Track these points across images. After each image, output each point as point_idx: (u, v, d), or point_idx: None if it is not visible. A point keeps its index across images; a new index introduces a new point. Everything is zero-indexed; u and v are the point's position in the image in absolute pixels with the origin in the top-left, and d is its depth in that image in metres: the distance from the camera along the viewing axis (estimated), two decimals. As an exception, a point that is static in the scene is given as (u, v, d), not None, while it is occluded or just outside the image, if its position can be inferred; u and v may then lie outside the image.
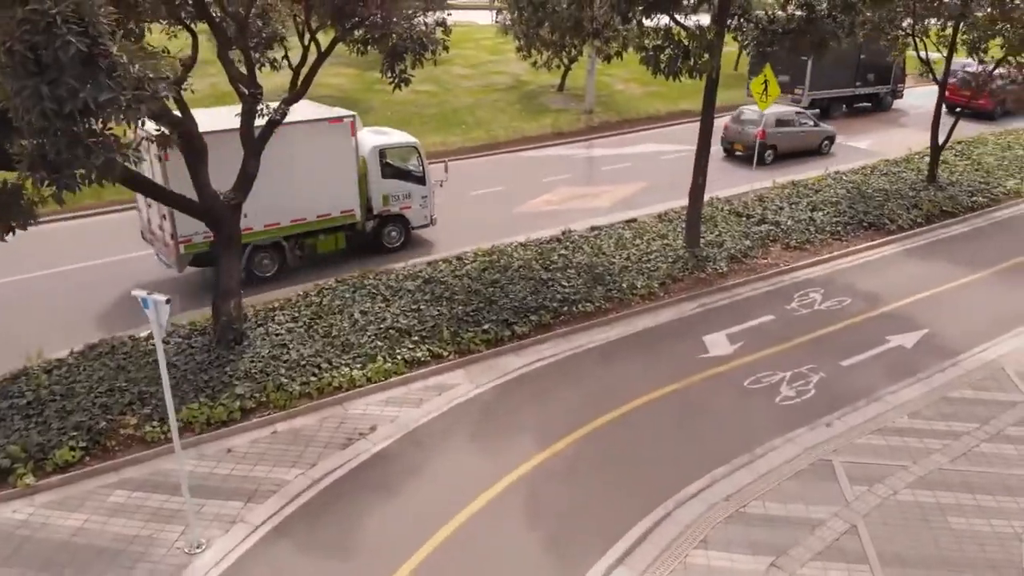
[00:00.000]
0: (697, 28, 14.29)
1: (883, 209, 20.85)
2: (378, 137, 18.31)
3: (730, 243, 18.50)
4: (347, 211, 17.13)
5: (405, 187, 18.19)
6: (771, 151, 26.41)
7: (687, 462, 11.06)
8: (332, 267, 17.32)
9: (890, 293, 16.61)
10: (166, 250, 15.62)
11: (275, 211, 16.02)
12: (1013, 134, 29.33)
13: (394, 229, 18.44)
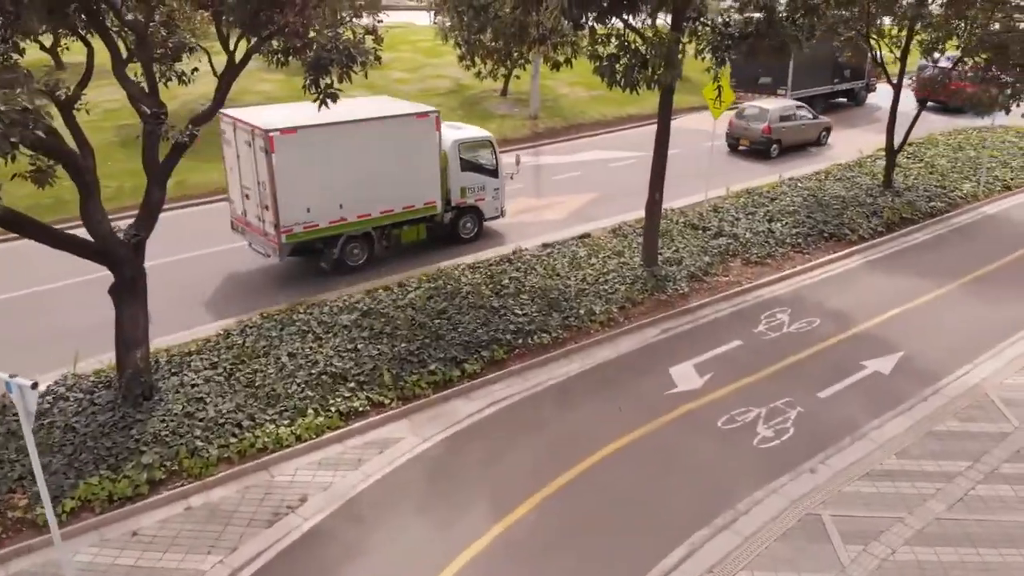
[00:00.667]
0: (655, 34, 13.09)
1: (842, 218, 20.07)
2: (456, 131, 18.80)
3: (689, 260, 17.42)
4: (429, 202, 17.59)
5: (480, 180, 18.76)
6: (776, 145, 26.96)
7: (664, 526, 9.83)
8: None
9: (860, 311, 15.72)
10: (265, 240, 16.01)
11: (367, 202, 16.52)
12: (963, 134, 29.08)
13: (469, 220, 18.92)
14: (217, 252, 18.15)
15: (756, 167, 25.57)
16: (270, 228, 15.59)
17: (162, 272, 15.23)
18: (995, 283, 17.14)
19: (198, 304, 15.55)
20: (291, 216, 15.41)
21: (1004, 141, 28.04)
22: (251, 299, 15.62)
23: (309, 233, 15.79)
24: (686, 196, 22.33)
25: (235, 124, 15.95)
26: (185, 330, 14.10)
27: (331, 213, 15.93)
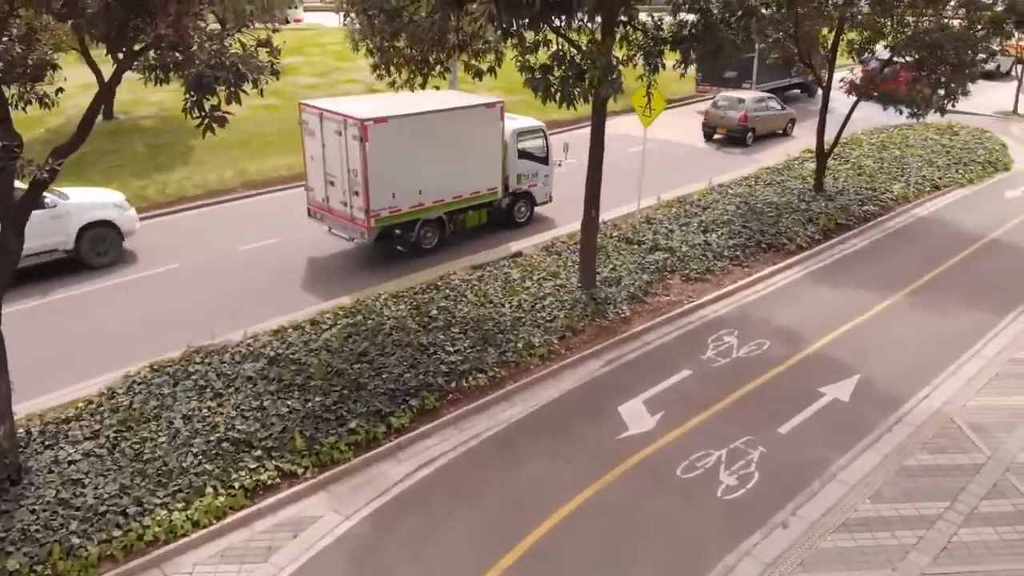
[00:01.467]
0: (590, 42, 11.82)
1: (778, 226, 19.36)
2: (513, 122, 19.69)
3: (628, 279, 16.29)
4: (492, 188, 18.74)
5: (534, 167, 19.88)
6: (751, 133, 28.54)
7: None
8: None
9: (808, 329, 14.90)
10: (352, 225, 16.91)
11: (441, 188, 17.55)
12: (885, 132, 29.08)
13: (523, 205, 20.02)
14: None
15: (695, 166, 24.78)
16: (359, 213, 16.48)
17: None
18: (940, 291, 16.64)
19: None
20: (379, 201, 16.43)
21: (926, 139, 28.13)
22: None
23: (393, 217, 16.88)
24: (617, 206, 21.30)
25: (322, 115, 16.74)
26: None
27: (412, 198, 17.04)
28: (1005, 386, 12.97)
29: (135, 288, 16.36)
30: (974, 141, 27.95)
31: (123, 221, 17.53)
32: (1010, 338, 14.60)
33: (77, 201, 17.02)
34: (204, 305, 15.38)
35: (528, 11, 9.98)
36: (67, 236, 16.59)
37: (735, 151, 28.00)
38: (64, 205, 16.65)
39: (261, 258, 17.93)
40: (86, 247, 16.89)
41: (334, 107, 16.68)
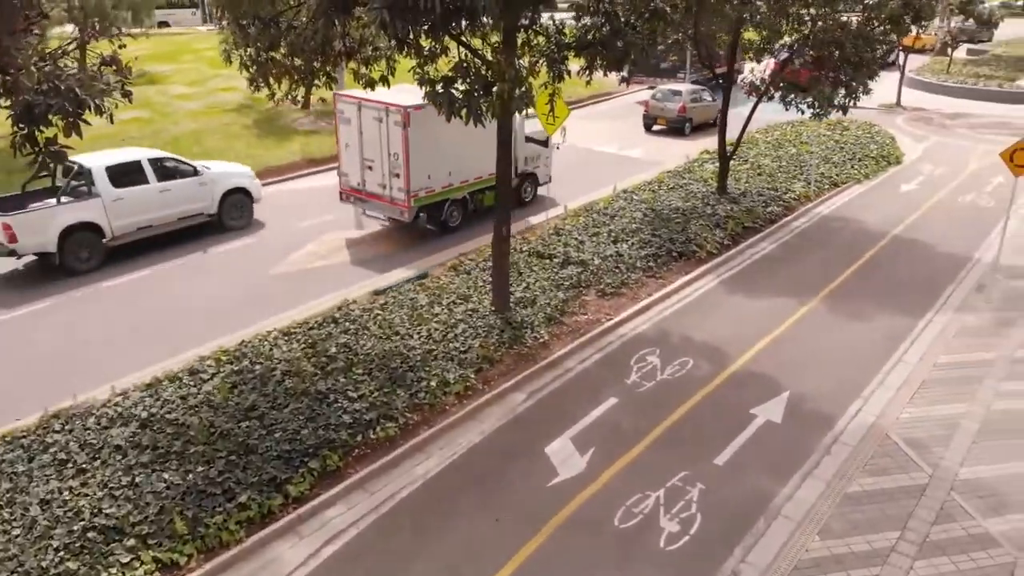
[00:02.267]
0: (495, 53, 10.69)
1: (687, 232, 18.84)
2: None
3: (543, 298, 15.30)
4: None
5: (537, 149, 21.37)
6: (689, 123, 29.97)
7: None
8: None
9: (730, 343, 14.30)
10: (391, 205, 18.27)
11: (466, 170, 19.06)
12: (779, 130, 29.34)
13: (529, 185, 21.56)
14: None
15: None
16: (399, 194, 17.93)
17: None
18: (854, 294, 16.44)
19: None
20: (418, 182, 17.88)
21: (819, 135, 28.52)
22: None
23: (428, 197, 18.38)
24: (524, 217, 20.41)
25: (360, 104, 17.77)
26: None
27: (443, 179, 18.55)
28: (933, 394, 12.69)
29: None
30: (865, 135, 28.54)
31: (254, 189, 20.19)
32: (929, 341, 14.44)
33: (219, 171, 19.63)
34: (66, 354, 13.39)
35: (426, 17, 8.77)
36: (212, 201, 19.15)
37: (633, 153, 27.60)
38: (209, 174, 19.10)
39: (142, 289, 15.98)
40: (225, 212, 19.47)
41: (372, 97, 16.99)
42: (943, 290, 16.72)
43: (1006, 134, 31.30)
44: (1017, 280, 17.06)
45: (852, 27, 18.33)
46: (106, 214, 17.07)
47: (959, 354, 13.94)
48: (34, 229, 16.15)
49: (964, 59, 46.10)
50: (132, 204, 17.46)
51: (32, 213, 16.27)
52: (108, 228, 17.18)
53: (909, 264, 18.10)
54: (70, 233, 16.55)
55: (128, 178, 17.45)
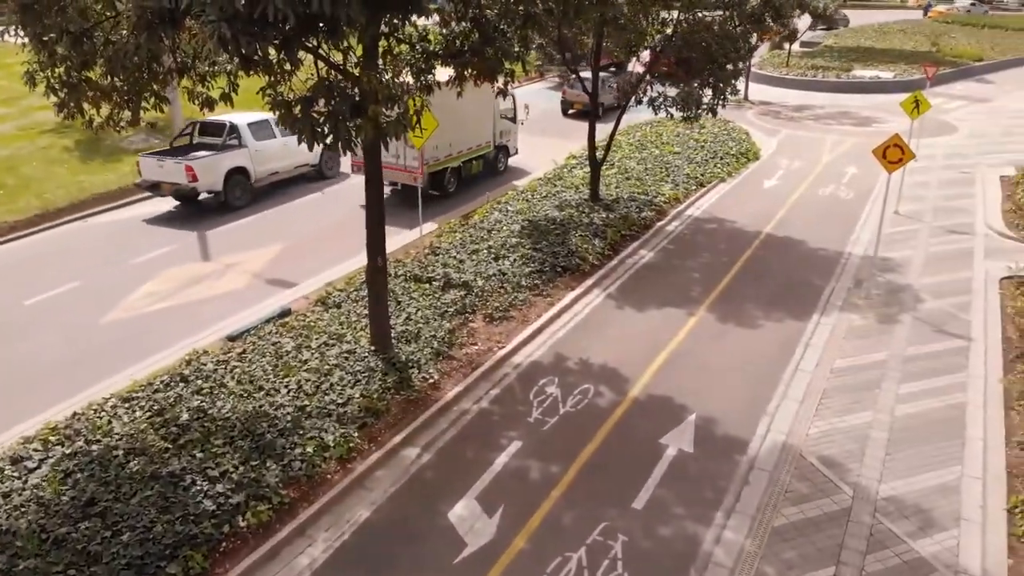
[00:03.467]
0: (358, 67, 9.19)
1: (568, 244, 18.01)
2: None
3: (427, 330, 13.93)
4: (488, 142, 23.86)
5: (508, 124, 24.69)
6: (602, 106, 28.91)
7: None
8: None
9: (627, 364, 13.53)
10: (406, 173, 20.77)
11: (461, 143, 22.42)
12: (640, 130, 29.27)
13: (502, 155, 24.93)
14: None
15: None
16: (413, 163, 20.34)
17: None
18: (738, 298, 16.14)
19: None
20: (430, 153, 20.74)
21: (678, 134, 28.65)
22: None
23: (435, 165, 21.42)
24: (398, 233, 18.95)
25: None
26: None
27: (445, 151, 21.65)
28: (837, 404, 12.39)
29: None
30: (722, 133, 28.94)
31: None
32: (821, 346, 14.24)
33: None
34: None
35: (275, 31, 7.21)
36: (316, 154, 23.17)
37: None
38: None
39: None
40: (324, 163, 24.02)
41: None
42: (823, 289, 16.74)
43: (849, 123, 32.92)
44: (889, 273, 17.36)
45: (715, 27, 18.06)
46: (251, 161, 21.69)
47: (853, 357, 13.80)
48: (208, 171, 20.66)
49: (800, 52, 48.43)
50: (266, 154, 22.11)
51: (207, 158, 20.84)
52: (253, 173, 21.80)
53: (786, 263, 18.10)
54: (230, 176, 21.15)
55: (262, 132, 22.05)
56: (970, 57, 47.65)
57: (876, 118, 33.74)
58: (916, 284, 16.85)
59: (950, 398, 12.51)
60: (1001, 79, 44.94)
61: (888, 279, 17.13)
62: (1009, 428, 11.64)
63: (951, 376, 13.15)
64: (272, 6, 7.07)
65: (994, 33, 61.20)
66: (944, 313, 15.47)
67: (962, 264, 17.87)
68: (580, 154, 26.06)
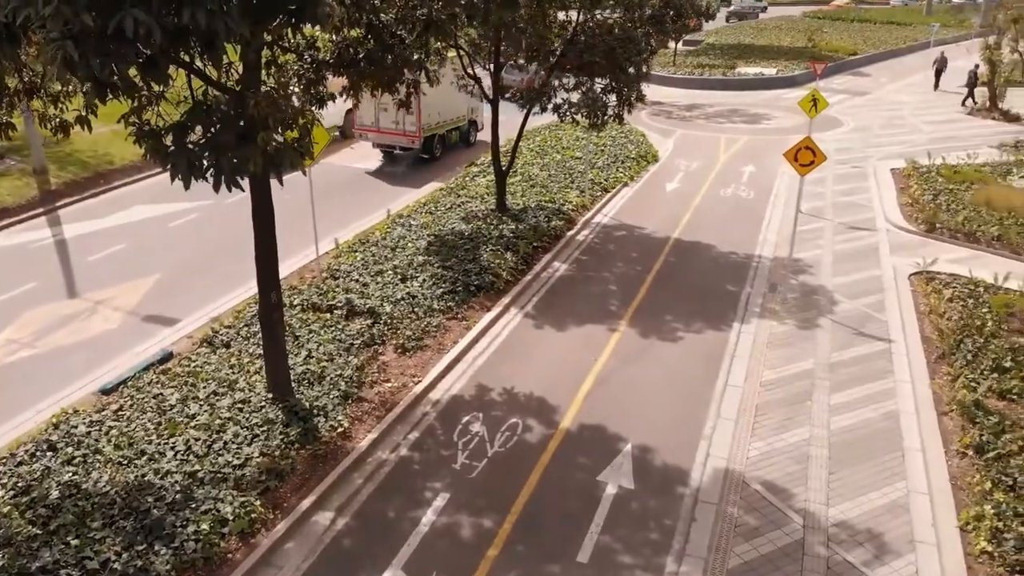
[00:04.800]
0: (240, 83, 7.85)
1: (480, 260, 17.01)
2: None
3: (332, 368, 12.62)
4: (463, 115, 27.69)
5: (476, 102, 26.81)
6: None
7: None
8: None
9: (553, 391, 12.66)
10: (405, 138, 25.06)
11: (446, 115, 26.39)
12: (539, 135, 28.58)
13: (472, 128, 28.34)
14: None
15: (367, 193, 21.45)
16: (411, 128, 24.70)
17: None
18: (657, 309, 15.58)
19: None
20: (424, 120, 24.82)
21: (577, 138, 28.13)
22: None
23: (426, 131, 25.10)
24: (291, 255, 17.43)
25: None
26: None
27: (435, 119, 25.47)
28: (772, 420, 11.91)
29: None
30: (620, 135, 28.59)
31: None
32: (747, 357, 13.81)
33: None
34: None
35: (136, 49, 5.84)
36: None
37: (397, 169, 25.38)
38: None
39: None
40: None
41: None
42: (739, 295, 16.42)
43: (740, 121, 33.32)
44: (802, 275, 17.24)
45: (617, 31, 17.45)
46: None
47: (780, 368, 13.42)
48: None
49: (684, 51, 49.16)
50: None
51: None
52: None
53: (699, 270, 17.72)
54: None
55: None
56: (845, 51, 49.64)
57: (765, 115, 34.35)
58: (829, 285, 16.77)
59: (882, 406, 12.26)
60: (875, 71, 46.98)
61: (801, 281, 16.99)
62: (945, 435, 11.45)
63: (879, 382, 12.95)
64: (131, 19, 5.71)
65: (863, 27, 64.32)
66: (861, 314, 15.38)
67: (870, 261, 17.98)
68: (482, 161, 25.14)
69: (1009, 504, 9.59)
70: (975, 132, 30.73)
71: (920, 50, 53.90)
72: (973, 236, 19.04)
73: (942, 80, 39.62)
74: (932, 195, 21.67)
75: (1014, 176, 24.01)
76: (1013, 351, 13.31)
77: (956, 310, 14.83)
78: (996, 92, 33.78)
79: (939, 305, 15.13)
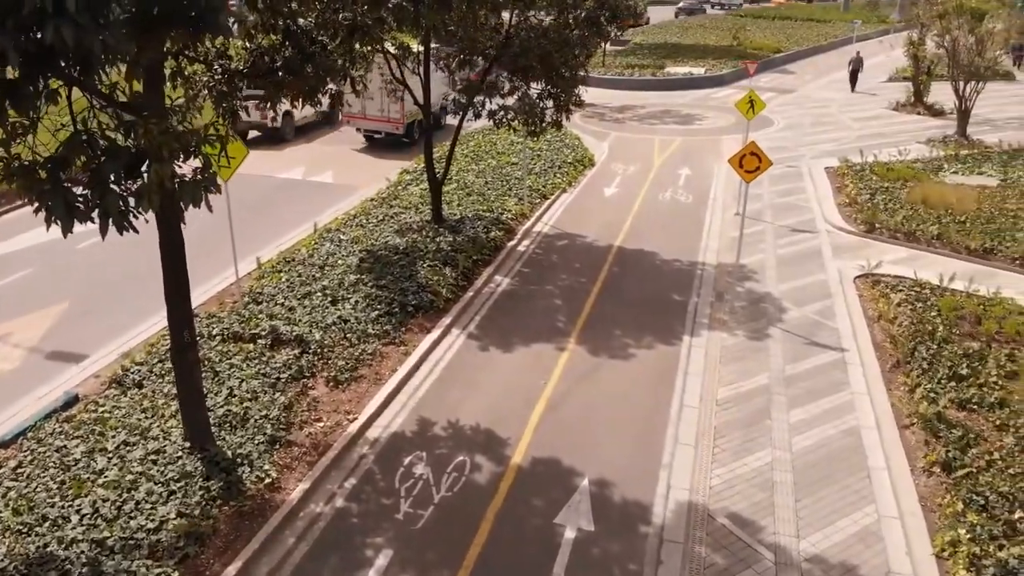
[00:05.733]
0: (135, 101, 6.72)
1: (417, 278, 16.05)
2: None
3: (256, 409, 11.50)
4: (438, 101, 24.80)
5: (447, 89, 23.39)
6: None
7: None
8: None
9: (502, 422, 11.82)
10: (389, 124, 27.46)
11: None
12: (473, 139, 27.69)
13: (444, 113, 26.39)
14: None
15: (291, 205, 20.17)
16: (396, 115, 27.35)
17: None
18: (605, 324, 14.91)
19: None
20: (408, 108, 26.34)
21: (512, 142, 27.32)
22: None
23: (409, 117, 27.54)
24: (207, 279, 16.16)
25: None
26: None
27: (415, 108, 21.68)
28: (732, 444, 11.33)
29: None
30: (556, 139, 27.93)
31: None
32: (700, 373, 13.24)
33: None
34: None
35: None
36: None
37: (323, 178, 24.13)
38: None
39: None
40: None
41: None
42: (686, 304, 15.90)
43: (672, 122, 33.11)
44: (747, 282, 16.83)
45: (552, 34, 16.70)
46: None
47: (734, 384, 12.89)
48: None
49: (612, 51, 48.89)
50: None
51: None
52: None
53: (644, 279, 17.15)
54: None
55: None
56: (769, 49, 50.23)
57: (697, 115, 34.24)
58: (775, 291, 16.40)
59: (842, 422, 11.83)
60: (799, 68, 47.66)
61: (748, 288, 16.57)
62: (908, 451, 11.06)
63: (836, 396, 12.53)
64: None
65: (784, 24, 65.44)
66: (810, 322, 15.02)
67: (814, 265, 17.70)
68: (414, 168, 24.15)
69: (984, 527, 9.18)
70: (903, 128, 31.19)
71: (841, 46, 55.02)
72: (913, 235, 18.99)
73: (859, 81, 39.79)
74: (869, 194, 21.64)
75: (946, 172, 24.28)
76: (967, 356, 13.08)
77: (906, 314, 14.59)
78: (921, 87, 34.40)
79: (888, 311, 14.87)
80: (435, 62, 18.88)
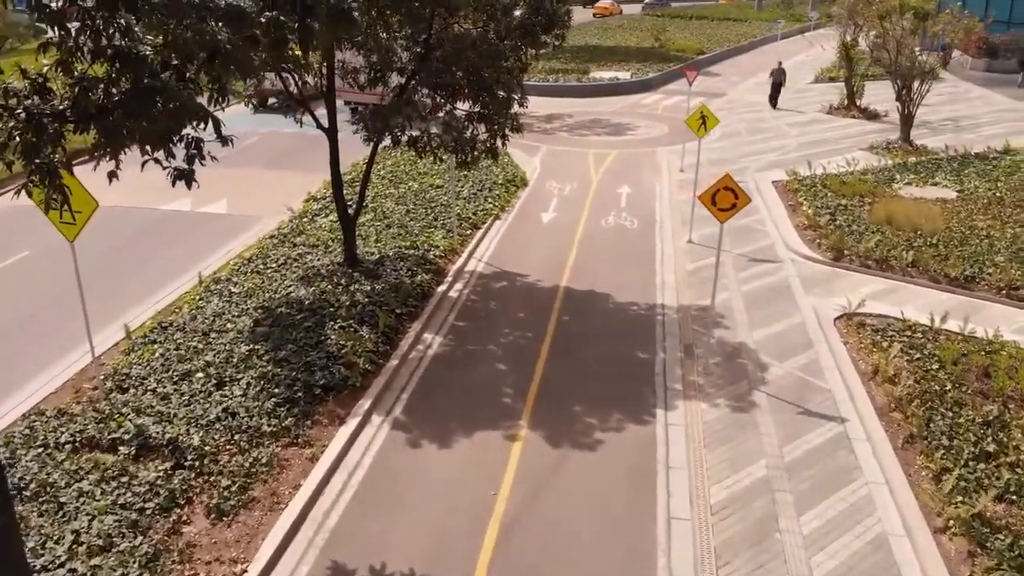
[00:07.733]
0: None
1: (325, 345, 13.10)
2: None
3: (109, 564, 8.40)
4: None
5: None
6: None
7: None
8: None
9: (447, 563, 9.06)
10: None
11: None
12: (391, 158, 24.67)
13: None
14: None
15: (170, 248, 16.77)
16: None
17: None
18: (563, 397, 12.33)
19: None
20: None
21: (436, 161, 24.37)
22: None
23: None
24: (57, 358, 12.89)
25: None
26: None
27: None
28: (739, 573, 8.88)
29: None
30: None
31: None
32: (683, 463, 10.77)
33: None
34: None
35: None
36: None
37: (215, 208, 20.74)
38: None
39: None
40: None
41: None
42: (653, 363, 13.50)
43: (604, 132, 30.94)
44: (717, 329, 14.54)
45: (481, 45, 13.99)
46: None
47: (728, 480, 10.47)
48: None
49: (532, 53, 46.52)
50: None
51: None
52: None
53: (600, 330, 14.67)
54: None
55: None
56: (692, 51, 48.83)
57: (627, 125, 32.18)
58: (750, 341, 14.17)
59: (865, 529, 9.55)
60: (724, 70, 46.38)
61: (719, 338, 14.28)
62: (951, 568, 8.85)
63: (850, 489, 10.27)
64: None
65: (702, 24, 64.57)
66: (797, 382, 12.82)
67: (787, 304, 15.58)
68: (323, 195, 21.04)
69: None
70: (842, 133, 29.86)
71: (761, 45, 54.28)
72: (886, 263, 17.13)
73: (781, 94, 34.76)
74: (829, 214, 19.77)
75: (899, 183, 22.79)
76: (988, 425, 11.07)
77: (905, 369, 12.54)
78: (854, 89, 33.24)
79: (886, 366, 12.76)
80: (341, 77, 15.91)
